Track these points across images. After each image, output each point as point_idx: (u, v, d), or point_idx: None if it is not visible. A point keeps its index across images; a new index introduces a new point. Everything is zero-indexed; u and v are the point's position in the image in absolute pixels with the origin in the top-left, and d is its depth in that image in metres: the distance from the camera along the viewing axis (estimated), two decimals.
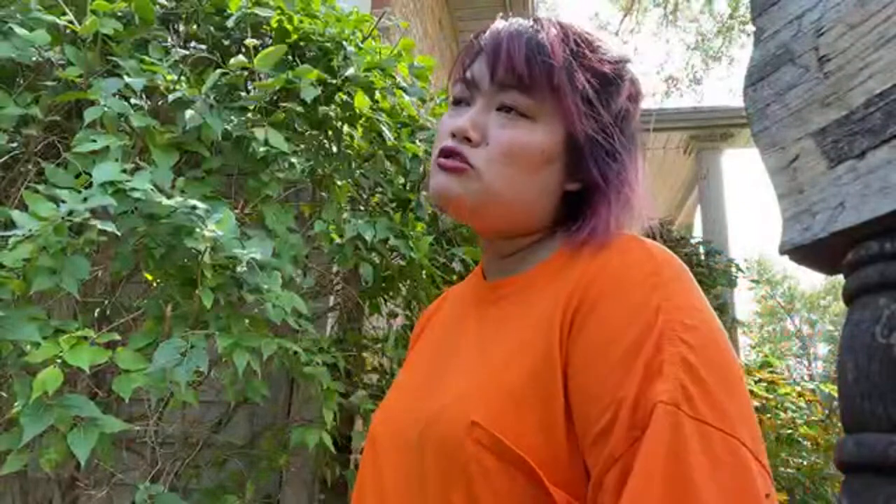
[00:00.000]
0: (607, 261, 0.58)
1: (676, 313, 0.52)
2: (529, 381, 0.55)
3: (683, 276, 0.57)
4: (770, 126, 0.94)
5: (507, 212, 0.64)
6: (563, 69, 0.63)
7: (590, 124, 0.64)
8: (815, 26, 0.88)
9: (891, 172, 0.77)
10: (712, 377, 0.49)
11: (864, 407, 0.76)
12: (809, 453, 2.50)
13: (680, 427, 0.46)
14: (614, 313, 0.53)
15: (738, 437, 0.47)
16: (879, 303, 0.77)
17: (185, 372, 0.98)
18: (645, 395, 0.48)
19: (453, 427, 0.55)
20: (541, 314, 0.59)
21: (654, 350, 0.50)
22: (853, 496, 0.76)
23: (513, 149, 0.63)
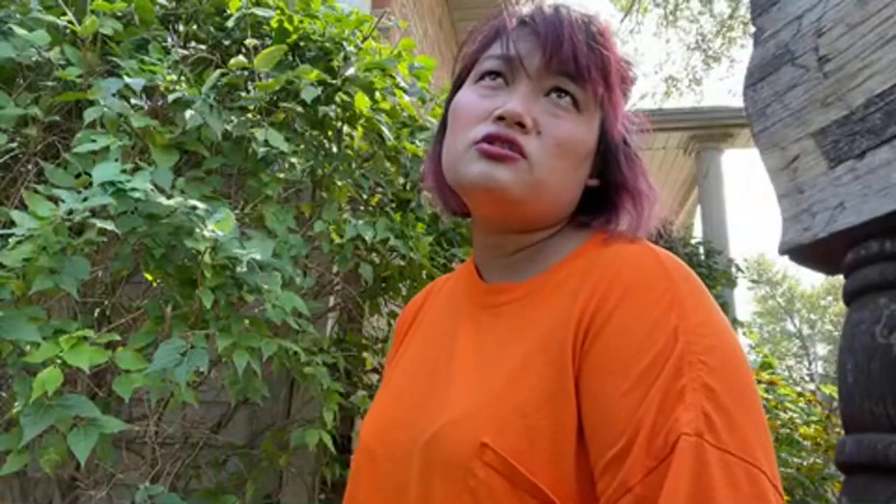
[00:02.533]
0: (620, 274, 0.55)
1: (695, 333, 0.50)
2: (540, 400, 0.52)
3: (698, 289, 0.55)
4: (770, 126, 0.94)
5: (548, 206, 0.61)
6: (615, 65, 0.61)
7: (623, 121, 0.64)
8: (815, 26, 0.88)
9: (891, 172, 0.77)
10: (733, 401, 0.48)
11: (864, 407, 0.76)
12: (809, 453, 2.50)
13: (704, 459, 0.45)
14: (630, 332, 0.51)
15: (758, 465, 0.46)
16: (879, 303, 0.78)
17: (184, 372, 0.98)
18: (665, 421, 0.46)
19: (462, 448, 0.52)
20: (549, 329, 0.56)
21: (675, 374, 0.48)
22: (853, 496, 0.76)
23: (569, 143, 0.60)
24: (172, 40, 1.52)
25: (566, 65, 0.59)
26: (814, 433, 2.55)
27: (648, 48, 40.56)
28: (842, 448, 0.79)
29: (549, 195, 0.60)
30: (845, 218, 0.81)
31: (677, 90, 11.68)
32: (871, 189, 0.79)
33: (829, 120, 0.85)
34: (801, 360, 23.69)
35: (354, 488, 0.65)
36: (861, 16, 0.82)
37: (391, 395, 0.68)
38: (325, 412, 1.35)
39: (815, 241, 0.85)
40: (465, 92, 0.64)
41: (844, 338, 0.82)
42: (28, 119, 1.26)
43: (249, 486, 1.56)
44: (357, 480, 0.64)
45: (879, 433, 0.74)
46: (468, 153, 0.59)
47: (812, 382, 4.50)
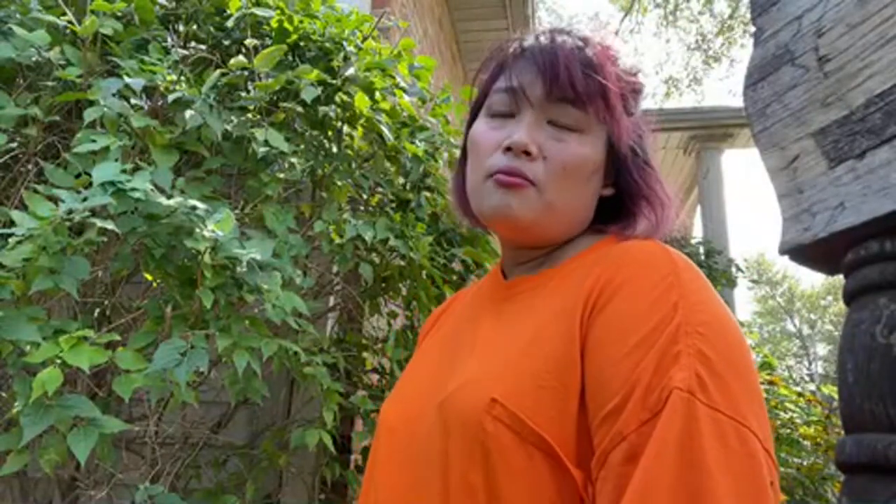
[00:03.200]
0: (630, 258, 0.59)
1: (693, 309, 0.54)
2: (549, 365, 0.56)
3: (700, 279, 0.59)
4: (770, 126, 0.94)
5: (561, 223, 0.67)
6: (613, 84, 0.65)
7: (629, 134, 0.68)
8: (815, 26, 0.88)
9: (891, 172, 0.77)
10: (726, 368, 0.51)
11: (864, 407, 0.76)
12: (809, 453, 2.50)
13: (694, 413, 0.48)
14: (634, 303, 0.55)
15: (748, 425, 0.48)
16: (879, 303, 0.78)
17: (184, 372, 0.98)
18: (660, 380, 0.50)
19: (473, 404, 0.56)
20: (561, 304, 0.60)
21: (671, 340, 0.51)
22: (853, 496, 0.76)
23: (573, 164, 0.65)
24: (172, 40, 1.52)
25: (565, 91, 0.64)
26: (814, 433, 2.55)
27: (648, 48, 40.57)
28: (842, 448, 0.79)
29: (559, 214, 0.66)
30: (845, 218, 0.81)
31: (677, 90, 11.68)
32: (871, 189, 0.79)
33: (829, 120, 0.85)
34: (801, 360, 23.69)
35: (373, 462, 0.68)
36: (861, 16, 0.82)
37: (409, 379, 0.73)
38: (325, 412, 1.35)
39: (815, 241, 0.85)
40: (479, 123, 0.71)
41: (844, 338, 0.82)
42: (28, 119, 1.26)
43: (249, 486, 1.56)
44: (375, 455, 0.68)
45: (879, 433, 0.74)
46: (486, 185, 0.66)
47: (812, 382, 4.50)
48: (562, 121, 0.65)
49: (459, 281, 1.86)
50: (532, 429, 0.53)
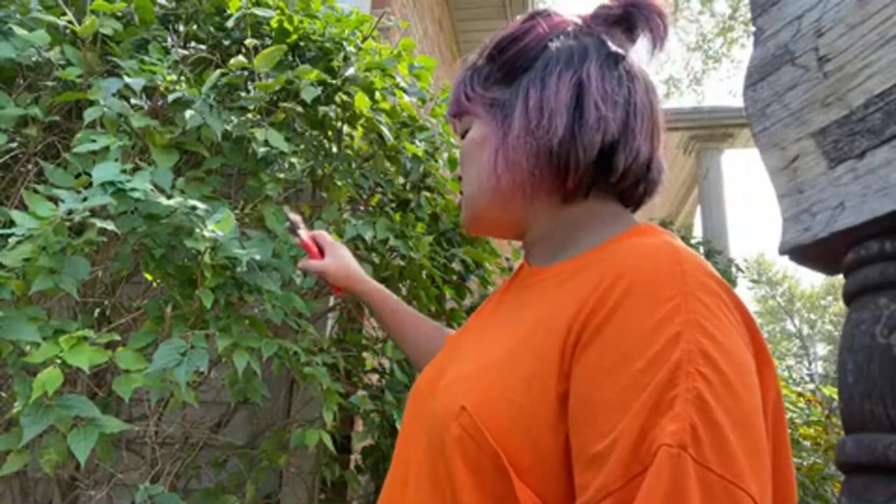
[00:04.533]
0: (632, 268, 0.54)
1: (699, 342, 0.48)
2: (524, 378, 0.54)
3: (714, 294, 0.52)
4: (770, 126, 0.94)
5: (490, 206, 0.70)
6: (458, 86, 0.73)
7: (487, 96, 0.70)
8: (815, 26, 0.88)
9: (891, 172, 0.77)
10: (728, 418, 0.46)
11: (864, 407, 0.76)
12: (809, 453, 2.50)
13: (682, 472, 0.44)
14: (630, 331, 0.50)
15: (743, 486, 0.44)
16: (879, 303, 0.78)
17: (184, 372, 0.98)
18: (651, 430, 0.45)
19: (447, 408, 0.57)
20: (554, 311, 0.57)
21: (669, 383, 0.46)
22: (853, 496, 0.76)
23: (463, 155, 0.73)
24: (172, 40, 1.52)
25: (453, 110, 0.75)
26: (814, 433, 2.54)
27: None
28: (842, 448, 0.79)
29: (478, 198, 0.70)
30: (845, 218, 0.81)
31: (677, 90, 11.68)
32: (871, 189, 0.79)
33: (829, 120, 0.85)
34: (801, 360, 23.69)
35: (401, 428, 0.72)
36: (861, 16, 0.82)
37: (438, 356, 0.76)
38: (325, 412, 1.35)
39: (815, 241, 0.85)
40: None
41: (844, 338, 0.82)
42: (28, 119, 1.26)
43: (249, 486, 1.56)
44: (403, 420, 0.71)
45: (879, 433, 0.74)
46: None
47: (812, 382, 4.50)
48: (462, 132, 0.74)
49: (459, 281, 1.86)
50: (490, 444, 0.52)
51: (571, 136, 0.63)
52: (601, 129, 0.63)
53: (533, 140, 0.63)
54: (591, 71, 0.64)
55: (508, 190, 0.66)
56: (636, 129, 0.65)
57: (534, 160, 0.64)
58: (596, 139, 0.63)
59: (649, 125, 0.68)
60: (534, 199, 0.67)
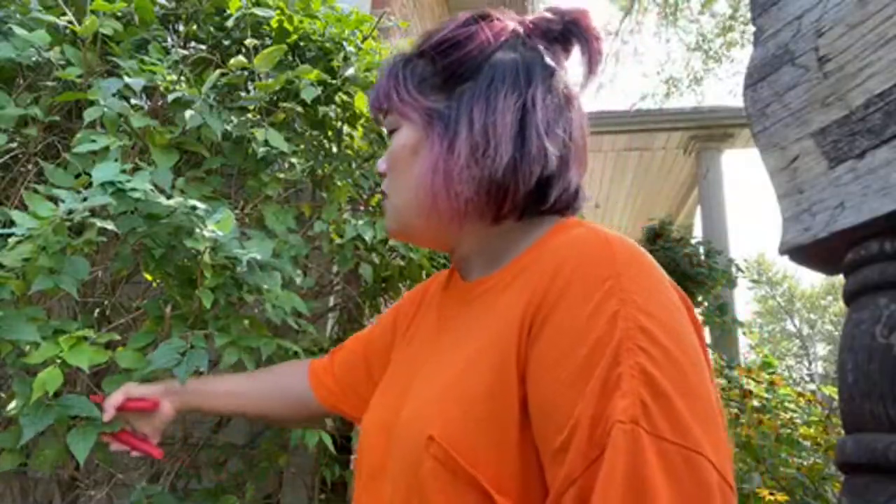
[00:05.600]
0: (565, 260, 0.55)
1: (636, 318, 0.49)
2: (484, 394, 0.54)
3: (645, 272, 0.54)
4: (770, 126, 0.94)
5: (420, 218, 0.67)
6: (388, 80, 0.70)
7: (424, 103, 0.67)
8: (815, 26, 0.88)
9: (891, 172, 0.77)
10: (674, 387, 0.47)
11: (864, 407, 0.76)
12: (809, 453, 2.50)
13: (638, 445, 0.45)
14: (570, 322, 0.51)
15: (699, 450, 0.46)
16: (879, 303, 0.78)
17: (184, 372, 0.98)
18: (603, 412, 0.47)
19: (414, 442, 0.56)
20: (500, 320, 0.58)
21: (612, 362, 0.48)
22: (853, 496, 0.76)
23: (392, 158, 0.69)
24: (172, 40, 1.52)
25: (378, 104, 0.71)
26: (814, 433, 2.55)
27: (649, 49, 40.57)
28: (842, 448, 0.79)
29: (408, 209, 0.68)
30: (845, 218, 0.81)
31: (677, 90, 11.68)
32: (871, 189, 0.79)
33: (829, 120, 0.85)
34: (801, 360, 23.68)
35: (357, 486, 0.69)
36: (861, 16, 0.82)
37: (384, 386, 0.73)
38: None
39: (815, 241, 0.85)
40: None
41: (844, 338, 0.82)
42: (28, 119, 1.26)
43: (249, 487, 1.56)
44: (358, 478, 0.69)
45: (879, 433, 0.74)
46: None
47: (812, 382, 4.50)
48: (389, 130, 0.71)
49: None
50: (464, 468, 0.52)
51: (514, 167, 0.62)
52: (541, 162, 0.63)
53: (476, 169, 0.62)
54: (535, 96, 0.64)
55: (445, 210, 0.65)
56: (570, 162, 0.67)
57: (475, 188, 0.63)
58: (535, 171, 0.63)
59: (581, 153, 0.69)
60: (465, 220, 0.66)
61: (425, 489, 0.54)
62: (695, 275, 5.03)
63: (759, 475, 2.31)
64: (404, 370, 0.71)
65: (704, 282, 5.06)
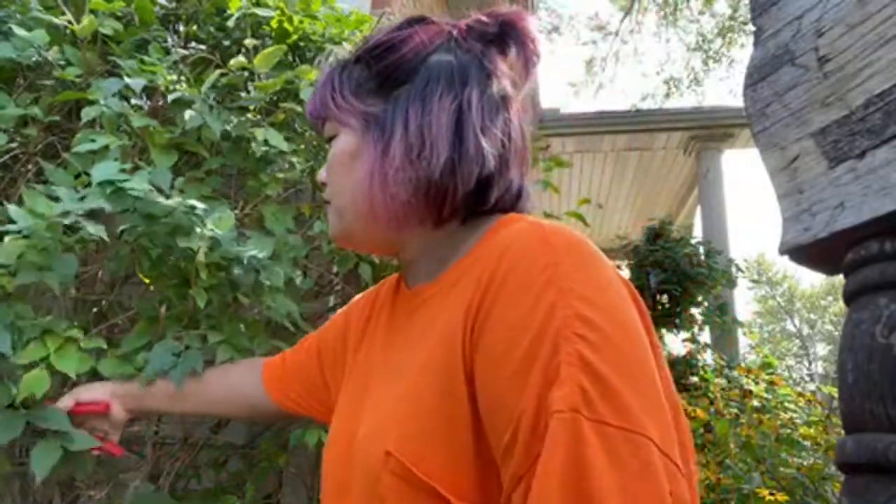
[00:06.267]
0: (502, 259, 0.55)
1: (574, 306, 0.49)
2: (436, 401, 0.54)
3: (585, 259, 0.53)
4: (770, 126, 0.94)
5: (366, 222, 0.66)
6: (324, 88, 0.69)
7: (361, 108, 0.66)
8: (815, 26, 0.88)
9: (891, 172, 0.77)
10: (614, 372, 0.47)
11: (864, 407, 0.76)
12: (809, 453, 2.50)
13: (578, 432, 0.44)
14: (509, 318, 0.51)
15: (642, 431, 0.45)
16: (879, 303, 0.77)
17: (180, 374, 0.98)
18: (543, 405, 0.46)
19: (373, 459, 0.56)
20: (446, 323, 0.57)
21: (551, 353, 0.47)
22: (853, 496, 0.76)
23: (331, 165, 0.69)
24: (173, 40, 1.51)
25: (315, 112, 0.71)
26: (814, 433, 2.55)
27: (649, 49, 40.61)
28: (842, 448, 0.79)
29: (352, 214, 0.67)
30: (845, 218, 0.81)
31: (677, 90, 11.68)
32: (871, 189, 0.79)
33: (829, 120, 0.85)
34: (801, 360, 23.69)
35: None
36: (861, 16, 0.82)
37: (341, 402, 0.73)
38: None
39: (815, 241, 0.85)
40: None
41: (844, 338, 0.82)
42: (28, 119, 1.26)
43: (249, 487, 1.56)
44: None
45: (879, 433, 0.74)
46: None
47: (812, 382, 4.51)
48: (328, 137, 0.71)
49: None
50: (421, 479, 0.51)
51: (451, 168, 0.62)
52: (479, 162, 0.63)
53: (412, 170, 0.62)
54: (471, 97, 0.63)
55: (382, 214, 0.64)
56: (510, 162, 0.66)
57: (412, 190, 0.62)
58: (474, 171, 0.63)
59: (521, 154, 0.68)
60: (406, 224, 0.65)
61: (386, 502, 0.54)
62: (695, 275, 5.03)
63: (759, 475, 2.31)
64: (360, 381, 0.71)
65: (704, 282, 5.06)
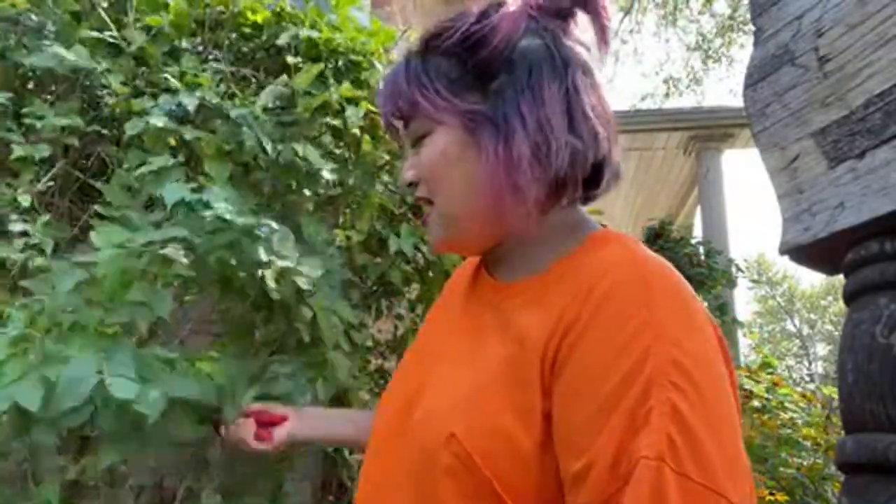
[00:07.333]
0: (597, 279, 0.54)
1: (669, 353, 0.49)
2: (507, 406, 0.54)
3: (680, 303, 0.53)
4: (770, 126, 0.94)
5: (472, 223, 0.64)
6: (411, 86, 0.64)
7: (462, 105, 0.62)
8: (815, 26, 0.88)
9: (891, 172, 0.77)
10: (703, 426, 0.47)
11: (864, 407, 0.77)
12: (809, 453, 2.50)
13: (663, 483, 0.45)
14: (599, 351, 0.51)
15: (722, 492, 0.45)
16: (879, 303, 0.78)
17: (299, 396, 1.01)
18: (628, 446, 0.46)
19: (434, 437, 0.56)
20: (528, 335, 0.57)
21: (642, 397, 0.47)
22: (853, 496, 0.76)
23: (431, 165, 0.64)
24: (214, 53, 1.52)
25: (400, 112, 0.66)
26: (814, 433, 2.55)
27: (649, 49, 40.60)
28: (842, 448, 0.79)
29: (460, 216, 0.64)
30: (845, 218, 0.81)
31: (677, 90, 11.68)
32: (871, 189, 0.79)
33: (829, 120, 0.85)
34: (801, 360, 23.67)
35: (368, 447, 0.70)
36: (861, 16, 0.83)
37: (403, 370, 0.73)
38: None
39: (815, 241, 0.85)
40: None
41: (844, 338, 0.82)
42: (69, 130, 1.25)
43: (256, 489, 1.56)
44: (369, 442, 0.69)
45: (879, 433, 0.74)
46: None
47: (812, 382, 4.51)
48: (416, 137, 0.66)
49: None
50: (482, 471, 0.52)
51: (573, 158, 0.61)
52: (593, 147, 0.62)
53: (540, 169, 0.60)
54: (576, 80, 0.62)
55: (513, 215, 0.62)
56: (613, 140, 0.65)
57: (542, 185, 0.61)
58: (590, 157, 0.62)
59: (615, 130, 0.66)
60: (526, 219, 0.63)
61: (439, 484, 0.54)
62: (695, 275, 5.03)
63: (760, 475, 2.31)
64: (427, 355, 0.70)
65: (704, 282, 5.06)
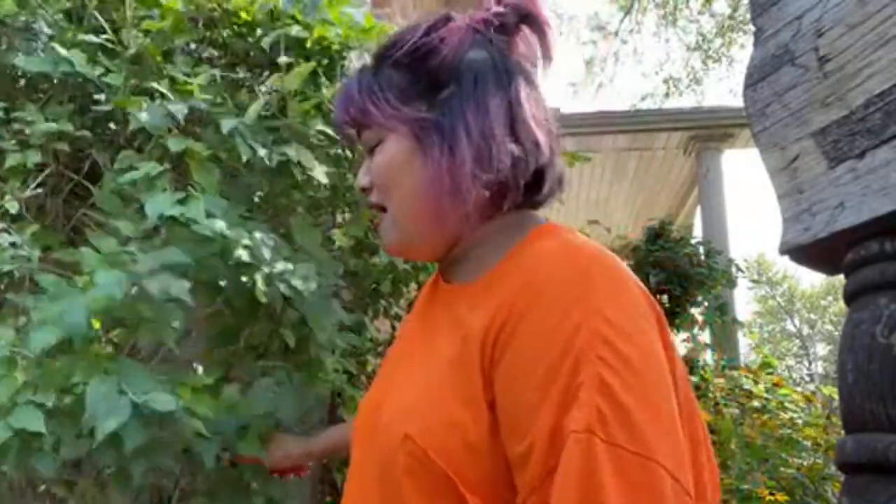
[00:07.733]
0: (532, 271, 0.57)
1: (598, 329, 0.50)
2: (459, 400, 0.56)
3: (612, 280, 0.55)
4: (770, 126, 0.94)
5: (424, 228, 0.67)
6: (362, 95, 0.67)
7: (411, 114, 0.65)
8: (815, 26, 0.88)
9: (891, 172, 0.77)
10: (631, 396, 0.48)
11: (864, 407, 0.77)
12: (809, 453, 2.50)
13: (592, 453, 0.46)
14: (533, 335, 0.53)
15: (654, 458, 0.47)
16: (879, 303, 0.78)
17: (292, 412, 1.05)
18: (561, 423, 0.48)
19: (392, 439, 0.58)
20: (470, 329, 0.59)
21: (572, 373, 0.49)
22: (853, 496, 0.76)
23: (382, 172, 0.67)
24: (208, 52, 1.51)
25: (352, 120, 0.69)
26: (814, 433, 2.55)
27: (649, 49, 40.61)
28: (842, 448, 0.79)
29: (411, 222, 0.67)
30: (845, 218, 0.81)
31: (677, 90, 11.67)
32: (871, 189, 0.79)
33: (829, 120, 0.85)
34: (801, 360, 23.68)
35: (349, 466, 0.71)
36: (861, 16, 0.83)
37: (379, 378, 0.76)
38: None
39: (815, 241, 0.85)
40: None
41: (844, 338, 0.82)
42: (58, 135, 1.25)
43: (255, 491, 1.56)
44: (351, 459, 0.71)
45: (879, 433, 0.74)
46: None
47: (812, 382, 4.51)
48: (369, 145, 0.69)
49: None
50: (438, 466, 0.53)
51: (514, 164, 0.63)
52: (535, 154, 0.65)
53: (482, 173, 0.62)
54: (518, 91, 0.65)
55: (448, 217, 0.65)
56: (555, 148, 0.68)
57: (482, 189, 0.63)
58: (531, 164, 0.65)
59: (557, 139, 0.69)
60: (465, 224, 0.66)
61: (400, 484, 0.56)
62: (695, 275, 5.03)
63: (760, 475, 2.31)
64: (393, 361, 0.74)
65: (704, 282, 5.05)
